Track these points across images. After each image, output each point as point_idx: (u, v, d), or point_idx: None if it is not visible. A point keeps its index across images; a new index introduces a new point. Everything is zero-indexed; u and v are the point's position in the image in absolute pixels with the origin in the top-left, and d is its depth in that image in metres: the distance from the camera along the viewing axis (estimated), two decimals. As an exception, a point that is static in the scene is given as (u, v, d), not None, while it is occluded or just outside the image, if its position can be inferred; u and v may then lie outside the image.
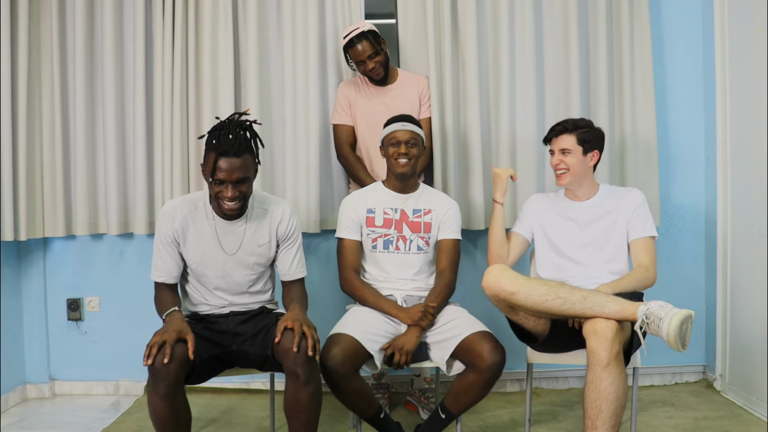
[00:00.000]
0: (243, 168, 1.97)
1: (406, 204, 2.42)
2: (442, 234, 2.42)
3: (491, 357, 2.07)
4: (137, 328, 2.95)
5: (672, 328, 1.80)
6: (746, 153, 2.75)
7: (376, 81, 2.72)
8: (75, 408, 2.91)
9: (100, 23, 2.91)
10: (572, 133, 2.32)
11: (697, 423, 2.58)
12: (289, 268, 2.21)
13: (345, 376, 2.05)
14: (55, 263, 3.05)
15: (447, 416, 2.23)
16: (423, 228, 2.40)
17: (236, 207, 2.03)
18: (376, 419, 2.23)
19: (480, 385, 2.12)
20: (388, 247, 2.38)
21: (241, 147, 1.97)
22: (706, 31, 2.99)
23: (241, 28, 2.92)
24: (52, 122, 2.90)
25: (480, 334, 2.14)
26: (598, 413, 1.86)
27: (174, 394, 1.85)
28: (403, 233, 2.38)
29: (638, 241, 2.29)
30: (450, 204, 2.46)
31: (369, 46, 2.62)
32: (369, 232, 2.39)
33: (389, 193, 2.43)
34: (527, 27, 2.90)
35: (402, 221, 2.39)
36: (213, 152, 1.97)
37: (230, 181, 1.97)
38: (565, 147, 2.31)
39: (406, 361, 2.15)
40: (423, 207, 2.42)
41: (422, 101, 2.78)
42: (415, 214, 2.41)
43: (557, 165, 2.33)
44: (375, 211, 2.40)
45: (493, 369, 2.08)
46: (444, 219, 2.42)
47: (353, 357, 2.08)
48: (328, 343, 2.11)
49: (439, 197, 2.48)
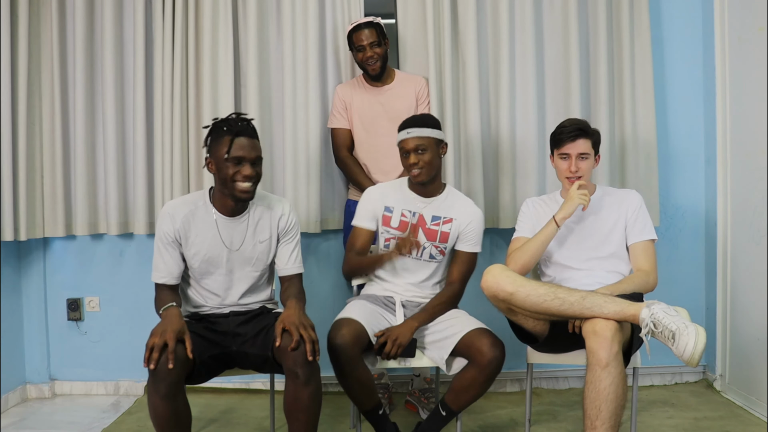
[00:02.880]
0: (258, 148, 2.06)
1: (426, 209, 2.33)
2: (461, 245, 2.34)
3: (491, 352, 2.08)
4: (137, 328, 2.94)
5: (697, 354, 1.80)
6: (746, 153, 2.75)
7: (372, 78, 2.72)
8: (75, 408, 2.91)
9: (100, 23, 2.91)
10: (589, 138, 2.25)
11: (697, 423, 2.58)
12: (287, 263, 2.21)
13: (352, 358, 2.06)
14: (55, 263, 3.05)
15: (447, 413, 2.23)
16: (439, 237, 2.32)
17: (251, 189, 2.05)
18: (374, 414, 2.22)
19: (481, 380, 2.12)
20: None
21: (254, 131, 2.06)
22: (706, 31, 2.99)
23: (241, 28, 2.92)
24: (52, 122, 2.90)
25: (479, 330, 2.15)
26: (598, 413, 1.86)
27: (174, 394, 1.85)
28: (418, 238, 2.29)
29: (638, 245, 2.28)
30: (474, 215, 2.34)
31: (374, 35, 2.65)
32: (383, 231, 2.35)
33: (410, 195, 2.35)
34: (527, 27, 2.90)
35: (418, 226, 2.31)
36: (228, 135, 2.01)
37: (249, 159, 2.02)
38: (584, 152, 2.24)
39: (396, 353, 2.15)
40: (444, 215, 2.32)
41: (419, 101, 2.78)
42: (433, 221, 2.32)
43: (575, 171, 2.24)
44: (393, 211, 2.34)
45: (493, 364, 2.08)
46: (465, 230, 2.32)
47: (360, 341, 2.09)
48: (335, 325, 2.12)
49: (464, 205, 2.36)
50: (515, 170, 2.93)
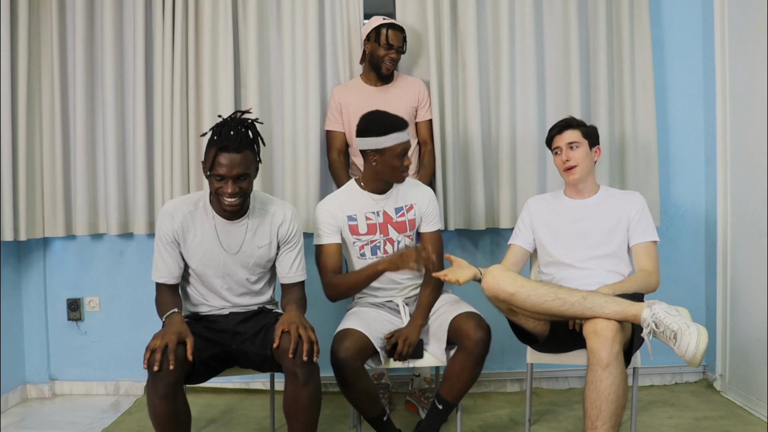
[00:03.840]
0: (243, 164, 1.96)
1: (386, 204, 2.33)
2: (424, 227, 2.38)
3: (476, 333, 2.09)
4: (137, 328, 2.95)
5: (699, 354, 1.79)
6: (746, 153, 2.75)
7: (380, 77, 2.73)
8: (75, 408, 2.91)
9: (100, 23, 2.91)
10: (576, 129, 2.32)
11: (697, 423, 2.58)
12: (288, 271, 2.21)
13: (357, 371, 2.06)
14: (55, 263, 3.05)
15: (444, 406, 2.23)
16: (408, 226, 2.34)
17: (236, 203, 2.02)
18: (379, 421, 2.22)
19: (470, 365, 2.13)
20: (377, 252, 2.32)
21: (242, 143, 1.96)
22: (706, 31, 2.99)
23: (241, 28, 2.92)
24: (52, 122, 2.90)
25: (465, 314, 2.16)
26: (598, 413, 1.86)
27: (174, 394, 1.85)
28: (390, 236, 2.32)
29: (640, 246, 2.29)
30: (428, 194, 2.38)
31: (401, 40, 2.69)
32: (354, 240, 2.31)
33: (367, 196, 2.32)
34: (527, 27, 2.90)
35: (386, 224, 2.32)
36: (213, 147, 1.96)
37: (230, 177, 1.96)
38: (573, 140, 2.30)
39: (407, 353, 2.17)
40: (404, 203, 2.34)
41: (420, 104, 2.79)
42: (398, 213, 2.33)
43: (566, 161, 2.30)
44: (357, 218, 2.30)
45: (479, 345, 2.09)
46: (426, 211, 2.36)
47: (363, 352, 2.09)
48: (338, 337, 2.11)
49: (416, 189, 2.39)
50: (515, 170, 2.93)
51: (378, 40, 2.67)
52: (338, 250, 2.30)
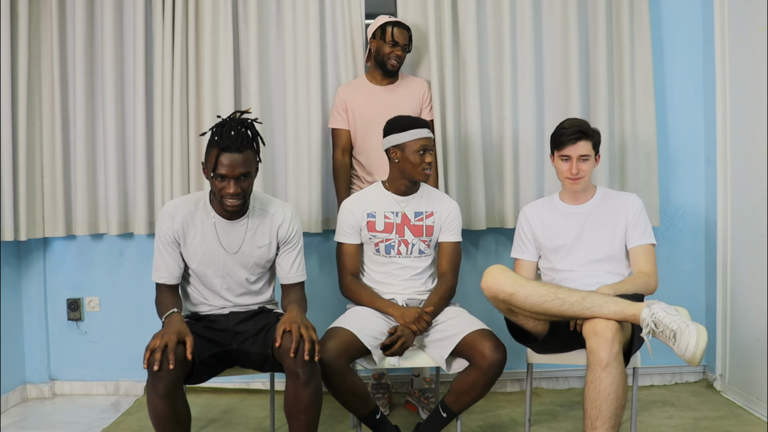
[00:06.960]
0: (245, 163, 1.98)
1: (407, 207, 2.39)
2: (444, 236, 2.41)
3: (493, 355, 2.08)
4: (137, 328, 2.95)
5: (699, 353, 1.79)
6: (746, 153, 2.75)
7: (386, 74, 2.73)
8: (75, 408, 2.91)
9: (100, 23, 2.91)
10: (590, 140, 2.26)
11: (697, 423, 2.58)
12: (288, 272, 2.21)
13: (338, 371, 2.05)
14: (55, 263, 3.05)
15: (448, 415, 2.24)
16: (425, 232, 2.38)
17: (238, 203, 2.03)
18: (372, 419, 2.22)
19: (482, 383, 2.13)
20: (390, 251, 2.36)
21: (243, 143, 1.98)
22: (706, 31, 2.99)
23: (242, 28, 2.92)
24: (52, 122, 2.90)
25: (481, 332, 2.15)
26: (598, 413, 1.86)
27: (173, 394, 1.85)
28: (405, 237, 2.36)
29: (638, 249, 2.28)
30: (452, 206, 2.43)
31: (407, 38, 2.71)
32: (371, 237, 2.37)
33: (390, 196, 2.39)
34: (527, 27, 2.90)
35: (404, 225, 2.37)
36: (215, 148, 1.97)
37: (232, 177, 1.98)
38: (585, 153, 2.24)
39: (399, 354, 2.18)
40: (425, 209, 2.40)
41: (423, 104, 2.79)
42: (417, 217, 2.38)
43: (576, 174, 2.25)
44: (376, 215, 2.37)
45: (495, 367, 2.09)
46: (446, 221, 2.40)
47: (348, 351, 2.09)
48: (323, 337, 2.12)
49: (441, 198, 2.45)
50: (516, 170, 2.93)
51: (383, 38, 2.68)
52: (357, 251, 2.39)
